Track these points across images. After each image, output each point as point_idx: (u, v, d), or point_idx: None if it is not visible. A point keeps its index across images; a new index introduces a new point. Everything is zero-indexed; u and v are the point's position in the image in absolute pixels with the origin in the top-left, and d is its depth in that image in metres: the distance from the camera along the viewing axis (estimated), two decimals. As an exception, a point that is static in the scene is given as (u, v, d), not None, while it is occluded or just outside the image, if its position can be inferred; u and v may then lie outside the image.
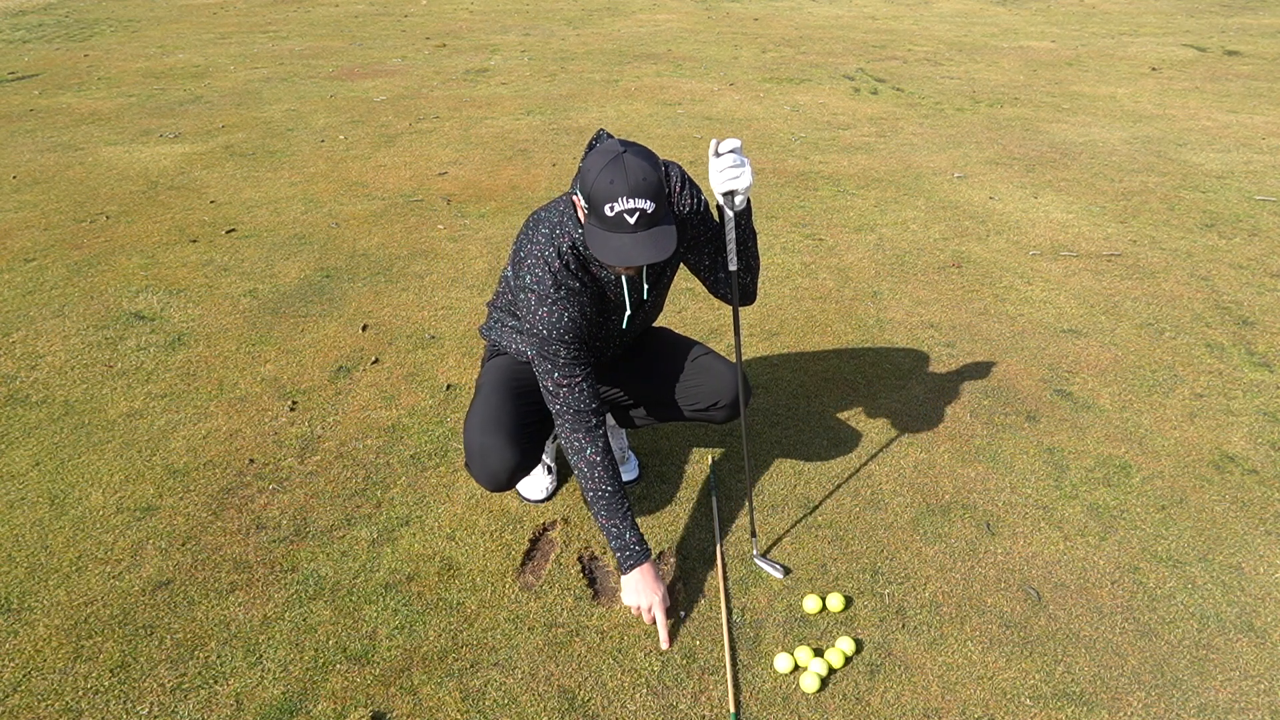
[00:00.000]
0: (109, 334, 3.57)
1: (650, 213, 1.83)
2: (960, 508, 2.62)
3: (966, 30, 11.36)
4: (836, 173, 5.63)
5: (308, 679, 2.04)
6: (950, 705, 2.00)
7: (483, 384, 2.39)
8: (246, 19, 12.00)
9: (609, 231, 1.85)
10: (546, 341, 2.05)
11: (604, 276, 2.12)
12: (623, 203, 1.81)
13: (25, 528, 2.50)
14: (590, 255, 2.03)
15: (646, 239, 1.85)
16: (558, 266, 2.03)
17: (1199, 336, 3.61)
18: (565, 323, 2.04)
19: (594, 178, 1.83)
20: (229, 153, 6.00)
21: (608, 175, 1.81)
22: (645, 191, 1.82)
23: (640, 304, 2.25)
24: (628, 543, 2.12)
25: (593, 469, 2.10)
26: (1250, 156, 5.99)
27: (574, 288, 2.05)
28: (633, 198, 1.81)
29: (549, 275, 2.02)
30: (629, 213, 1.81)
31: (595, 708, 1.98)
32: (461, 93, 7.78)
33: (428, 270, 4.18)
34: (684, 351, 2.45)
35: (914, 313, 3.79)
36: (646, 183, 1.82)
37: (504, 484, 2.25)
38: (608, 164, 1.82)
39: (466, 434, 2.27)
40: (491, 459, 2.21)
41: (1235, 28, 11.42)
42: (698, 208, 2.18)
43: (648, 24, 11.67)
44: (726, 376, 2.36)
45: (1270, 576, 2.38)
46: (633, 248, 1.84)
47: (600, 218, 1.84)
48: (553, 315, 2.03)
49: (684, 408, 2.43)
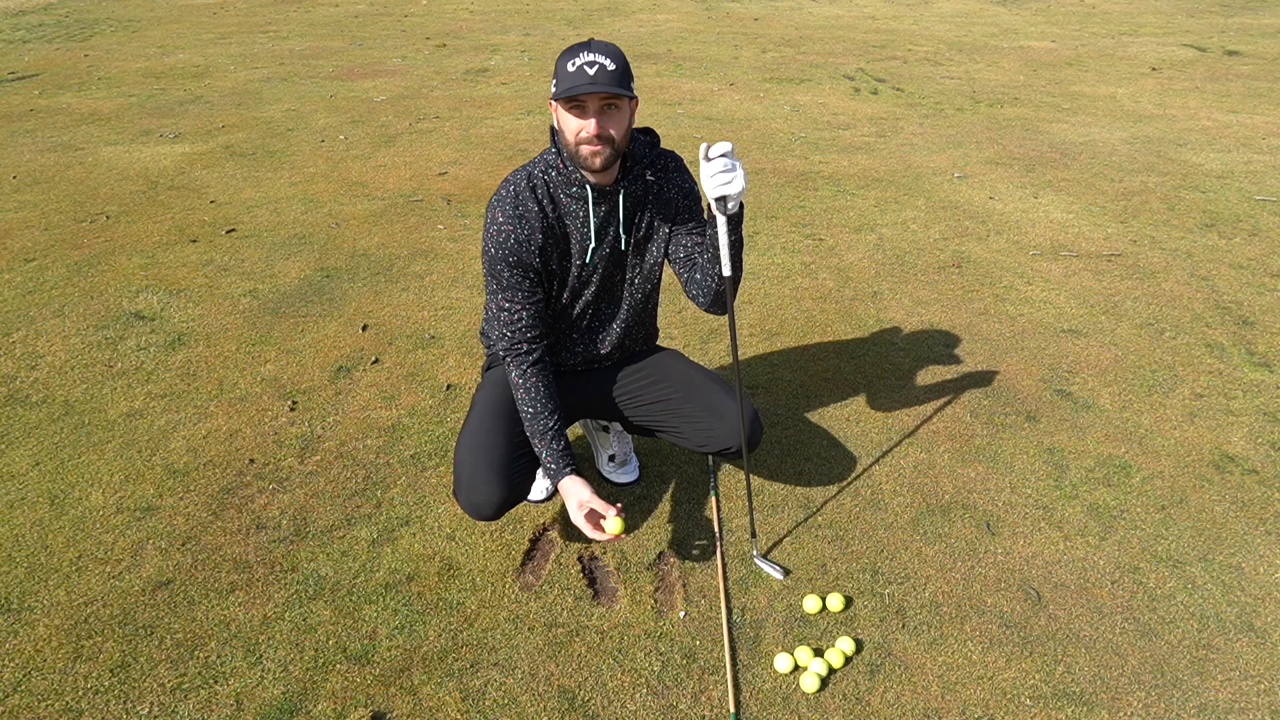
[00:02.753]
0: (109, 334, 3.57)
1: (610, 69, 1.90)
2: (960, 508, 2.62)
3: (966, 30, 11.36)
4: (836, 173, 5.63)
5: (308, 679, 2.04)
6: (950, 705, 2.00)
7: (477, 402, 2.34)
8: (246, 19, 12.00)
9: (570, 86, 1.90)
10: (494, 260, 2.09)
11: (571, 210, 2.11)
12: (584, 56, 1.90)
13: (25, 528, 2.50)
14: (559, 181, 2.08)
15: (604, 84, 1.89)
16: (523, 186, 2.08)
17: (1199, 336, 3.61)
18: (511, 243, 2.07)
19: (560, 55, 1.95)
20: (229, 153, 6.00)
21: (572, 47, 1.94)
22: (606, 52, 1.92)
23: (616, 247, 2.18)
24: (545, 460, 2.14)
25: (518, 392, 2.17)
26: (1250, 156, 5.99)
27: (531, 209, 2.08)
28: (594, 53, 1.90)
29: (511, 194, 2.08)
30: (589, 64, 1.89)
31: (595, 708, 1.98)
32: (461, 93, 7.78)
33: (428, 270, 4.18)
34: (694, 386, 2.36)
35: (914, 313, 3.79)
36: (609, 47, 1.93)
37: (489, 516, 2.19)
38: (574, 44, 1.95)
39: (457, 457, 2.22)
40: (478, 493, 2.14)
41: (1235, 28, 11.42)
42: (689, 191, 2.20)
43: (648, 24, 11.67)
44: (736, 422, 2.28)
45: (1270, 576, 2.38)
46: (590, 86, 1.88)
47: (563, 78, 1.92)
48: (502, 234, 2.07)
49: (692, 445, 2.37)
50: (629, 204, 2.15)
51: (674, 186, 2.19)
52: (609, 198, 2.11)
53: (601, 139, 1.96)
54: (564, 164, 2.06)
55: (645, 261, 2.26)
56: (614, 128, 1.97)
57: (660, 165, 2.19)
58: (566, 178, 2.07)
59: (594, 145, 1.97)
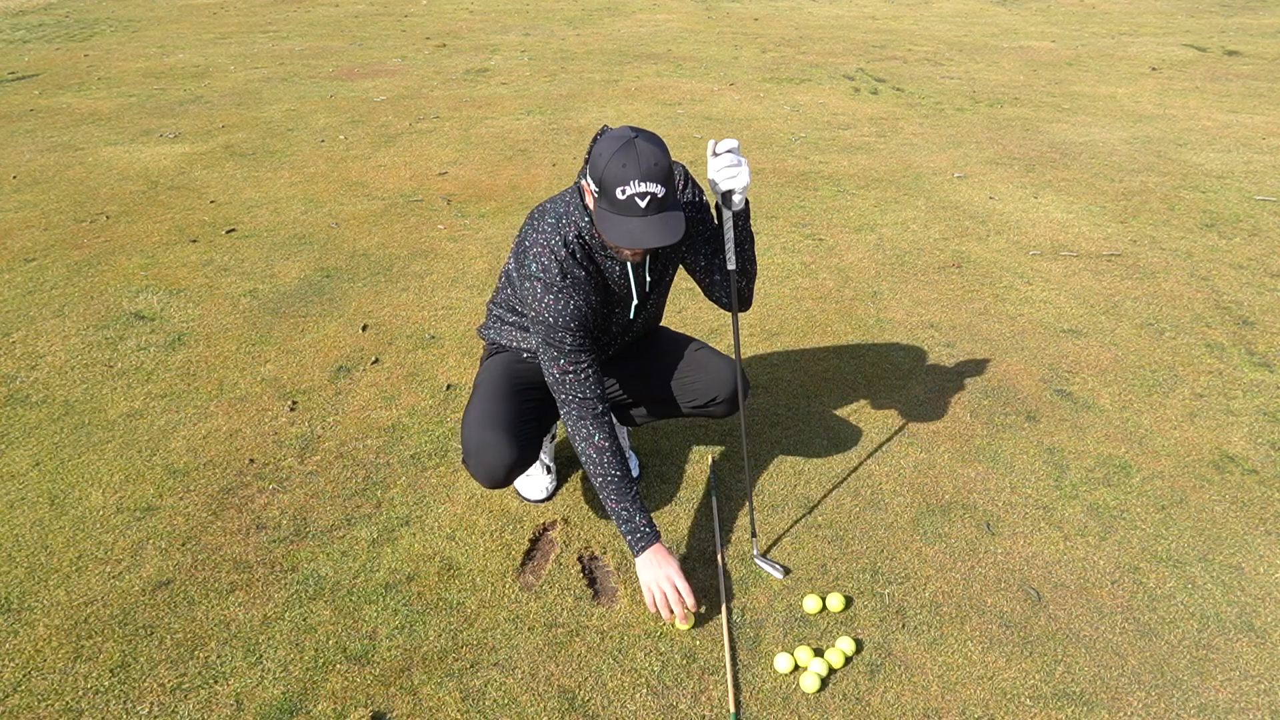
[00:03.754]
0: (109, 334, 3.57)
1: (660, 197, 1.87)
2: (960, 508, 2.62)
3: (966, 30, 11.36)
4: (836, 173, 5.63)
5: (308, 679, 2.04)
6: (950, 705, 2.00)
7: (481, 381, 2.40)
8: (246, 19, 12.00)
9: (620, 215, 1.88)
10: (553, 329, 2.07)
11: (608, 267, 2.14)
12: (634, 186, 1.84)
13: (25, 528, 2.50)
14: (596, 244, 2.07)
15: (657, 222, 1.87)
16: (564, 255, 2.06)
17: (1199, 336, 3.61)
18: (571, 310, 2.06)
19: (605, 161, 1.86)
20: (229, 153, 6.00)
21: (620, 159, 1.84)
22: (656, 176, 1.85)
23: (645, 295, 2.26)
24: (638, 525, 2.13)
25: (600, 454, 2.12)
26: (1250, 156, 5.99)
27: (579, 276, 2.07)
28: (644, 181, 1.84)
29: (555, 263, 2.05)
30: (640, 196, 1.84)
31: (595, 708, 1.98)
32: (461, 93, 7.78)
33: (428, 270, 4.18)
34: (682, 348, 2.47)
35: (914, 313, 3.79)
36: (658, 167, 1.86)
37: (501, 480, 2.25)
38: (619, 149, 1.85)
39: (464, 430, 2.28)
40: (489, 455, 2.22)
41: (1235, 28, 11.42)
42: (699, 205, 2.21)
43: (648, 24, 11.67)
44: (724, 371, 2.38)
45: (1270, 576, 2.38)
46: (643, 230, 1.87)
47: (611, 201, 1.87)
48: (559, 303, 2.05)
49: (683, 403, 2.45)
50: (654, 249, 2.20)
51: (686, 203, 2.21)
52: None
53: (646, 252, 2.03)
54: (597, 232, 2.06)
55: (663, 283, 2.33)
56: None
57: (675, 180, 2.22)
58: (600, 243, 2.09)
59: (637, 258, 2.06)
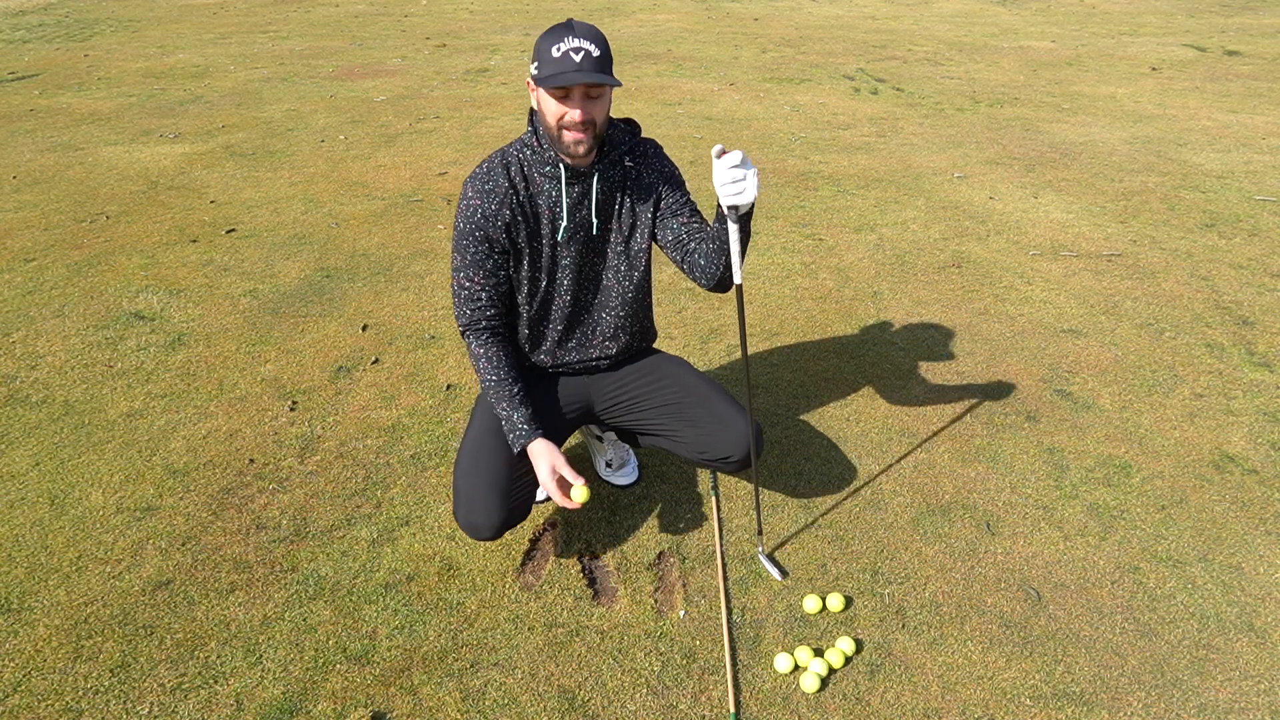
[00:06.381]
0: (109, 334, 3.57)
1: (595, 55, 1.90)
2: (960, 508, 2.62)
3: (966, 30, 11.36)
4: (836, 173, 5.63)
5: (308, 679, 2.04)
6: (950, 705, 2.00)
7: (476, 420, 2.30)
8: (246, 19, 12.00)
9: (555, 72, 1.90)
10: (460, 235, 2.11)
11: (544, 189, 2.11)
12: (568, 42, 1.89)
13: (25, 528, 2.50)
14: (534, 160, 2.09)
15: (588, 73, 1.89)
16: (496, 163, 2.10)
17: (1199, 336, 3.61)
18: (478, 217, 2.08)
19: (542, 37, 1.94)
20: (229, 153, 6.00)
21: (554, 29, 1.93)
22: (589, 36, 1.91)
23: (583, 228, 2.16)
24: (514, 423, 2.13)
25: (479, 361, 2.17)
26: (1250, 156, 5.99)
27: (501, 185, 2.09)
28: (577, 38, 1.90)
29: (483, 170, 2.11)
30: (574, 50, 1.89)
31: (595, 708, 1.98)
32: (461, 93, 7.78)
33: (428, 270, 4.18)
34: (697, 393, 2.34)
35: (914, 313, 3.79)
36: (591, 31, 1.92)
37: (487, 539, 2.17)
38: (556, 26, 1.94)
39: (457, 474, 2.19)
40: (477, 514, 2.13)
41: (1235, 28, 11.42)
42: (669, 176, 2.20)
43: (648, 24, 11.67)
44: (740, 429, 2.26)
45: (1270, 576, 2.38)
46: (575, 76, 1.88)
47: (546, 63, 1.91)
48: (470, 208, 2.08)
49: (692, 452, 2.33)
50: (604, 187, 2.14)
51: (653, 171, 2.18)
52: (583, 179, 2.10)
53: (585, 125, 1.97)
54: (539, 144, 2.07)
55: (630, 249, 2.23)
56: (597, 114, 1.98)
57: (639, 152, 2.19)
58: (541, 156, 2.08)
59: (577, 132, 1.99)
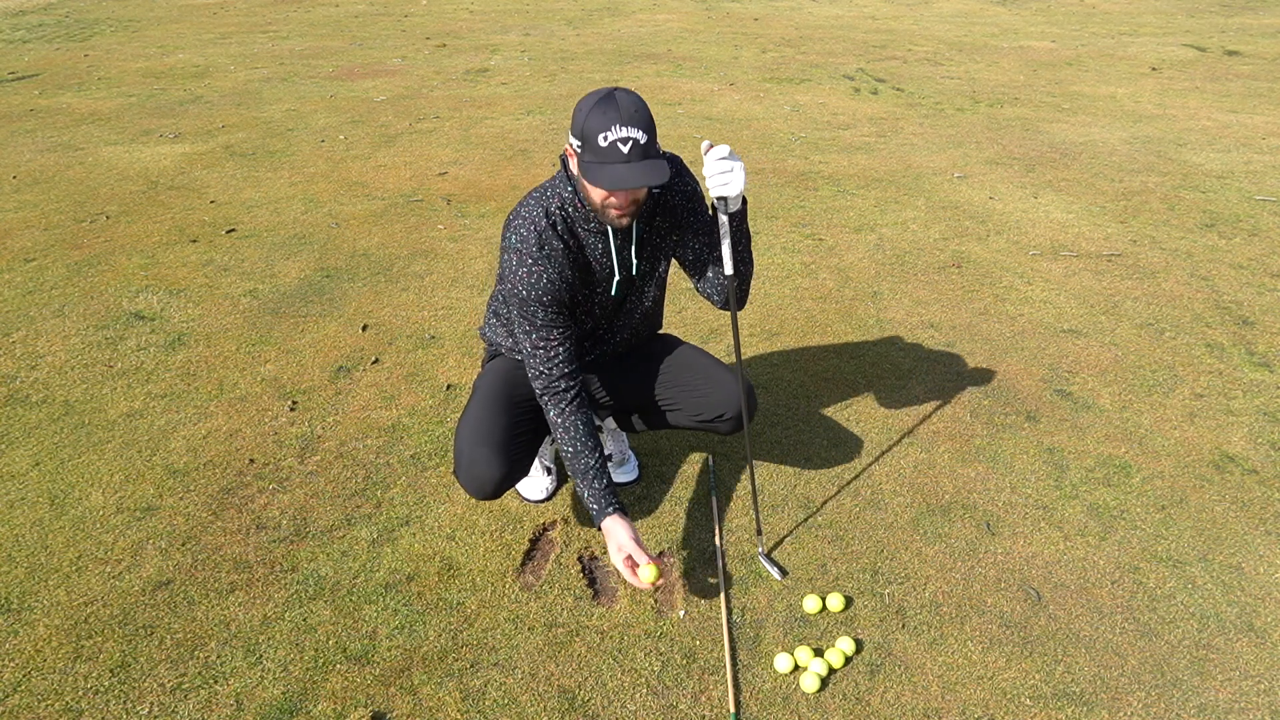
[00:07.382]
0: (109, 334, 3.57)
1: (643, 143, 1.87)
2: (960, 508, 2.62)
3: (966, 30, 11.36)
4: (836, 173, 5.63)
5: (308, 679, 2.04)
6: (950, 705, 2.00)
7: (478, 388, 2.39)
8: (246, 19, 12.00)
9: (604, 163, 1.87)
10: (526, 302, 2.08)
11: (591, 243, 2.12)
12: (616, 131, 1.85)
13: (25, 528, 2.50)
14: (579, 216, 2.07)
15: (640, 168, 1.87)
16: (544, 225, 2.06)
17: (1199, 336, 3.61)
18: (544, 284, 2.06)
19: (586, 113, 1.87)
20: (229, 153, 6.00)
21: (600, 109, 1.86)
22: (637, 122, 1.86)
23: (631, 275, 2.22)
24: (593, 496, 2.13)
25: (559, 431, 2.14)
26: (1250, 156, 5.99)
27: (557, 248, 2.07)
28: (626, 126, 1.85)
29: (534, 234, 2.05)
30: (622, 141, 1.85)
31: (595, 708, 1.98)
32: (461, 93, 7.78)
33: (428, 270, 4.18)
34: (691, 361, 2.44)
35: (914, 313, 3.79)
36: (639, 114, 1.87)
37: (490, 494, 2.23)
38: (599, 100, 1.87)
39: (457, 441, 2.26)
40: (479, 469, 2.19)
41: (1235, 28, 11.42)
42: (691, 194, 2.21)
43: (648, 24, 11.67)
44: (733, 389, 2.34)
45: (1270, 576, 2.38)
46: (628, 174, 1.86)
47: (594, 150, 1.87)
48: (532, 276, 2.05)
49: (689, 417, 2.41)
50: (641, 225, 2.18)
51: (677, 192, 2.20)
52: (626, 229, 2.13)
53: (631, 203, 1.98)
54: (580, 203, 2.06)
55: (656, 271, 2.30)
56: (641, 194, 1.99)
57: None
58: (584, 214, 2.07)
59: (622, 211, 2.00)
